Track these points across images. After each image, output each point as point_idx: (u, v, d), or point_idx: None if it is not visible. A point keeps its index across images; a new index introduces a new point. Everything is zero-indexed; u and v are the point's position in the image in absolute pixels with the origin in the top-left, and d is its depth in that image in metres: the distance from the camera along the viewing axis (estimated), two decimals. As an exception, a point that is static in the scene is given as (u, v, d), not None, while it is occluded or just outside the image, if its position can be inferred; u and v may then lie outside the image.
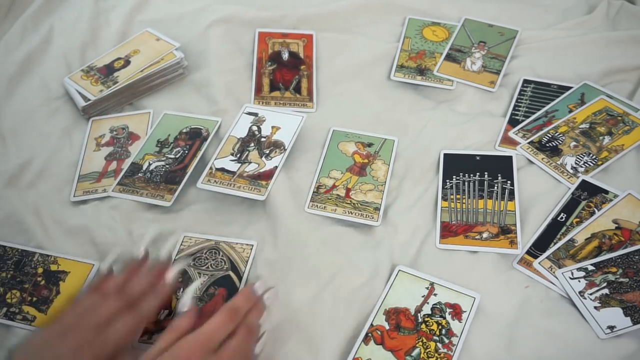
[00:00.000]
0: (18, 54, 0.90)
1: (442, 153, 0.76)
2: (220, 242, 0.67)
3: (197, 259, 0.66)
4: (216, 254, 0.66)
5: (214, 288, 0.64)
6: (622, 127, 0.77)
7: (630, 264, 0.63)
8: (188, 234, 0.69)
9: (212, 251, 0.67)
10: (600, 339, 0.59)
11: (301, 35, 0.91)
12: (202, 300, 0.63)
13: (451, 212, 0.70)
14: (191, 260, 0.65)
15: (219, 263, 0.65)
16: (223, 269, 0.65)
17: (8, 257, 0.67)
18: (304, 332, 0.60)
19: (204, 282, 0.64)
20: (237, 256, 0.66)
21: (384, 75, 0.87)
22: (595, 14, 0.92)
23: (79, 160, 0.77)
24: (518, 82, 0.84)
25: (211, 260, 0.66)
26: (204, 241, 0.68)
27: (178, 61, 0.86)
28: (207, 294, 0.63)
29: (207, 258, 0.66)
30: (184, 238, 0.68)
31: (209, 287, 0.64)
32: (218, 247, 0.67)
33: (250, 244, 0.67)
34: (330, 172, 0.75)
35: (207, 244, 0.67)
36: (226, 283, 0.64)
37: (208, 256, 0.66)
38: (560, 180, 0.73)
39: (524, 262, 0.66)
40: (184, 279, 0.64)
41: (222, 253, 0.67)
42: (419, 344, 0.59)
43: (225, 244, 0.67)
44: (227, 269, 0.65)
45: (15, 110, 0.84)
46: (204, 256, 0.66)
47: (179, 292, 0.63)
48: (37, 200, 0.73)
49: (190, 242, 0.68)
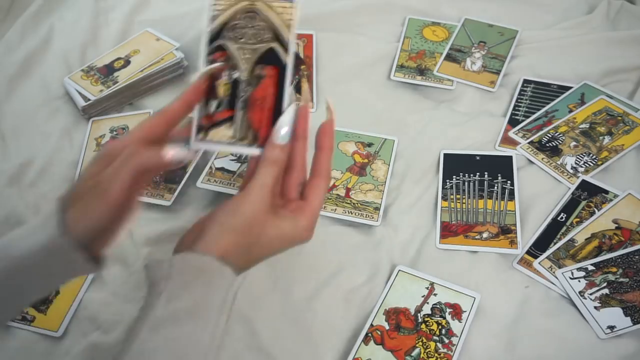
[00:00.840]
0: (18, 54, 0.90)
1: (442, 153, 0.76)
2: (256, 2, 0.55)
3: (233, 27, 0.55)
4: (254, 19, 0.55)
5: (260, 67, 0.54)
6: (622, 127, 0.77)
7: (630, 264, 0.63)
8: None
9: (248, 15, 0.55)
10: (600, 339, 0.59)
11: (301, 35, 0.91)
12: (250, 85, 0.54)
13: (451, 212, 0.70)
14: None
15: (258, 31, 0.54)
16: (265, 39, 0.54)
17: (8, 257, 0.67)
18: (303, 332, 0.60)
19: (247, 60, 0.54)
20: (279, 19, 0.54)
21: (384, 75, 0.87)
22: (595, 14, 0.92)
23: (79, 160, 0.78)
24: (518, 82, 0.84)
25: (250, 28, 0.55)
26: (238, 1, 0.55)
27: (178, 61, 0.86)
28: (254, 75, 0.54)
29: (244, 26, 0.55)
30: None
31: (254, 66, 0.54)
32: (254, 7, 0.55)
33: (293, 1, 0.54)
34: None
35: (241, 5, 0.55)
36: (273, 59, 0.53)
37: (245, 23, 0.55)
38: (560, 180, 0.73)
39: (524, 262, 0.66)
40: (226, 58, 0.54)
41: (260, 17, 0.55)
42: (418, 344, 0.59)
43: (263, 2, 0.55)
44: (269, 39, 0.54)
45: (15, 110, 0.84)
46: (240, 23, 0.55)
47: (223, 76, 0.54)
48: (37, 200, 0.73)
49: (221, 4, 0.56)
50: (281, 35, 0.54)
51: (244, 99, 0.54)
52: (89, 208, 0.46)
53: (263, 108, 0.54)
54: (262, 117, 0.53)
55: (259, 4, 0.55)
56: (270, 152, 0.51)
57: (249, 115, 0.54)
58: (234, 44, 0.55)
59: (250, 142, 0.53)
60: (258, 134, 0.53)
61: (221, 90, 0.55)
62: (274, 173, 0.50)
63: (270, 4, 0.55)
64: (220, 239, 0.47)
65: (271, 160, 0.50)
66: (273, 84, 0.53)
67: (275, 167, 0.50)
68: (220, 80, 0.55)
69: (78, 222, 0.46)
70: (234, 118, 0.54)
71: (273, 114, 0.53)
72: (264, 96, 0.53)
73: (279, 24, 0.54)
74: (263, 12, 0.55)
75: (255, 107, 0.53)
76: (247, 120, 0.54)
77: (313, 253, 0.66)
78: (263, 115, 0.53)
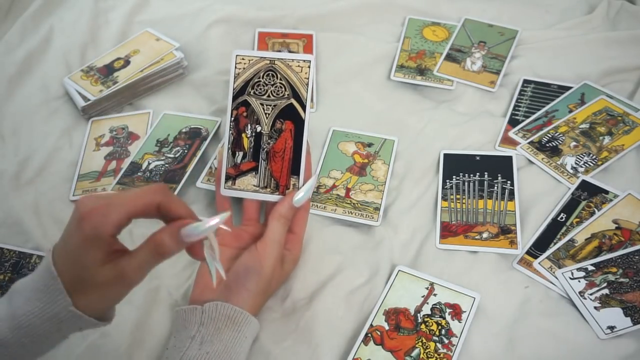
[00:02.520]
0: (18, 54, 0.90)
1: (442, 153, 0.76)
2: (276, 61, 0.62)
3: (256, 84, 0.62)
4: (274, 77, 0.61)
5: (280, 122, 0.61)
6: (622, 127, 0.77)
7: (630, 264, 0.63)
8: (240, 52, 0.62)
9: (269, 73, 0.61)
10: (600, 339, 0.59)
11: (301, 35, 0.91)
12: (271, 138, 0.61)
13: (451, 212, 0.70)
14: None
15: (278, 89, 0.61)
16: (284, 96, 0.61)
17: (6, 259, 0.67)
18: (303, 332, 0.60)
19: (269, 114, 0.61)
20: (296, 77, 0.61)
21: (384, 76, 0.87)
22: (595, 14, 0.92)
23: (79, 159, 0.77)
24: (518, 82, 0.84)
25: (270, 85, 0.61)
26: (258, 60, 0.62)
27: (178, 61, 0.86)
28: (274, 129, 0.61)
29: (265, 84, 0.61)
30: (236, 58, 0.63)
31: (275, 121, 0.61)
32: (274, 66, 0.62)
33: (308, 59, 0.61)
34: (330, 172, 0.75)
35: (263, 64, 0.62)
36: (291, 114, 0.61)
37: (267, 81, 0.61)
38: (560, 180, 0.73)
39: (524, 262, 0.65)
40: (248, 112, 0.62)
41: (279, 75, 0.61)
42: (418, 344, 0.59)
43: (281, 62, 0.61)
44: (288, 95, 0.61)
45: (15, 110, 0.84)
46: (262, 81, 0.62)
47: (247, 129, 0.62)
48: (36, 199, 0.73)
49: (244, 63, 0.62)
50: (298, 93, 0.61)
51: (266, 151, 0.62)
52: (107, 297, 0.47)
53: (283, 159, 0.61)
54: (281, 167, 0.61)
55: (278, 63, 0.62)
56: (283, 208, 0.60)
57: (271, 165, 0.62)
58: (256, 100, 0.62)
59: (272, 190, 0.62)
60: (279, 183, 0.62)
61: (245, 142, 0.62)
62: (284, 228, 0.60)
63: (288, 63, 0.62)
64: (247, 303, 0.56)
65: (283, 216, 0.60)
66: (291, 137, 0.61)
67: (285, 221, 0.60)
68: (245, 133, 0.62)
69: (95, 305, 0.47)
70: (258, 168, 0.62)
71: (291, 164, 0.61)
72: (284, 149, 0.61)
73: (296, 82, 0.61)
74: (282, 71, 0.62)
75: (276, 159, 0.61)
76: (269, 170, 0.62)
77: (313, 253, 0.66)
78: (283, 165, 0.61)
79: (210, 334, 0.53)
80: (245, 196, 0.63)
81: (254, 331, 0.56)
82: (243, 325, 0.55)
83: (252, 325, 0.56)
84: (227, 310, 0.54)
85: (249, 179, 0.62)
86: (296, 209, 0.61)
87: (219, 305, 0.54)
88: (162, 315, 0.62)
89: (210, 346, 0.52)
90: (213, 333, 0.53)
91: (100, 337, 0.60)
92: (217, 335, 0.53)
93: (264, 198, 0.62)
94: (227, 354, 0.52)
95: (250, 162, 0.62)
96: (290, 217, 0.60)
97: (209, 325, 0.54)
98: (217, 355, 0.52)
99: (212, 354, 0.51)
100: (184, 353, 0.52)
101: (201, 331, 0.53)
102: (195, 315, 0.55)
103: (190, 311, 0.55)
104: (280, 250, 0.59)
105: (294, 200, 0.60)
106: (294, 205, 0.60)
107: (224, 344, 0.53)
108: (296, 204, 0.60)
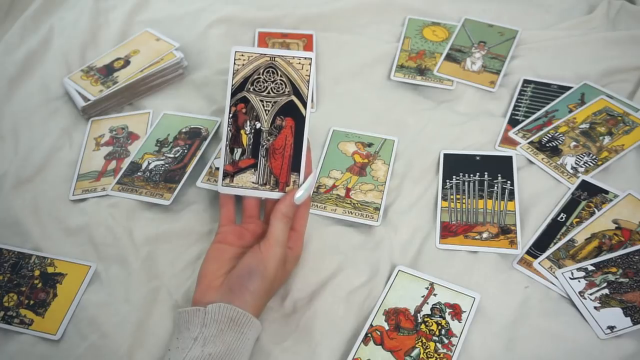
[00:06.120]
0: (18, 54, 0.90)
1: (442, 153, 0.76)
2: (276, 58, 0.61)
3: (256, 81, 0.61)
4: (274, 74, 0.61)
5: (280, 119, 0.60)
6: (622, 127, 0.77)
7: (630, 264, 0.63)
8: (239, 48, 0.62)
9: (269, 70, 0.61)
10: (600, 339, 0.59)
11: (301, 35, 0.91)
12: (271, 135, 0.60)
13: (451, 212, 0.70)
14: None
15: (279, 86, 0.61)
16: (285, 93, 0.60)
17: (5, 259, 0.67)
18: (303, 332, 0.60)
19: (269, 111, 0.60)
20: (297, 75, 0.60)
21: (384, 75, 0.87)
22: (595, 14, 0.92)
23: (79, 159, 0.77)
24: (518, 82, 0.84)
25: (270, 82, 0.61)
26: (258, 57, 0.61)
27: (178, 61, 0.86)
28: (274, 126, 0.60)
29: (265, 80, 0.61)
30: (235, 54, 0.62)
31: (275, 117, 0.60)
32: (274, 63, 0.61)
33: (309, 57, 0.61)
34: (330, 172, 0.75)
35: (263, 61, 0.61)
36: (291, 111, 0.60)
37: (267, 77, 0.61)
38: (560, 180, 0.72)
39: (523, 262, 0.65)
40: (247, 109, 0.61)
41: (280, 72, 0.61)
42: (418, 344, 0.59)
43: (282, 59, 0.61)
44: (289, 92, 0.60)
45: (15, 110, 0.84)
46: (262, 78, 0.61)
47: (246, 126, 0.61)
48: (36, 199, 0.73)
49: (243, 59, 0.62)
50: (299, 90, 0.60)
51: (266, 147, 0.61)
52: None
53: (283, 156, 0.61)
54: (282, 164, 0.61)
55: (278, 60, 0.61)
56: (285, 207, 0.60)
57: (270, 162, 0.61)
58: (256, 96, 0.61)
59: (272, 188, 0.61)
60: (279, 180, 0.61)
61: (244, 139, 0.61)
62: (287, 227, 0.60)
63: (289, 60, 0.61)
64: (250, 305, 0.56)
65: (285, 215, 0.60)
66: (292, 134, 0.61)
67: (288, 220, 0.60)
68: (244, 130, 0.61)
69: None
70: (257, 165, 0.61)
71: (291, 161, 0.61)
72: (284, 145, 0.60)
73: (297, 79, 0.61)
74: (282, 68, 0.61)
75: (276, 156, 0.60)
76: (269, 167, 0.61)
77: (313, 253, 0.66)
78: (283, 162, 0.61)
79: (212, 335, 0.53)
80: (243, 194, 0.62)
81: (256, 332, 0.57)
82: (245, 326, 0.55)
83: (255, 327, 0.56)
84: (230, 312, 0.55)
85: (248, 176, 0.62)
86: (297, 206, 0.61)
87: (221, 307, 0.55)
88: (162, 315, 0.62)
89: (212, 348, 0.52)
90: (216, 335, 0.53)
91: (101, 337, 0.60)
92: (220, 337, 0.53)
93: (264, 195, 0.62)
94: (230, 355, 0.53)
95: (249, 158, 0.62)
96: (292, 216, 0.61)
97: (212, 326, 0.54)
98: (219, 356, 0.52)
99: (214, 356, 0.52)
100: (186, 354, 0.52)
101: (204, 332, 0.54)
102: (198, 316, 0.55)
103: (193, 312, 0.56)
104: (284, 251, 0.59)
105: (295, 198, 0.60)
106: (295, 203, 0.60)
107: (226, 345, 0.53)
108: (297, 201, 0.60)
